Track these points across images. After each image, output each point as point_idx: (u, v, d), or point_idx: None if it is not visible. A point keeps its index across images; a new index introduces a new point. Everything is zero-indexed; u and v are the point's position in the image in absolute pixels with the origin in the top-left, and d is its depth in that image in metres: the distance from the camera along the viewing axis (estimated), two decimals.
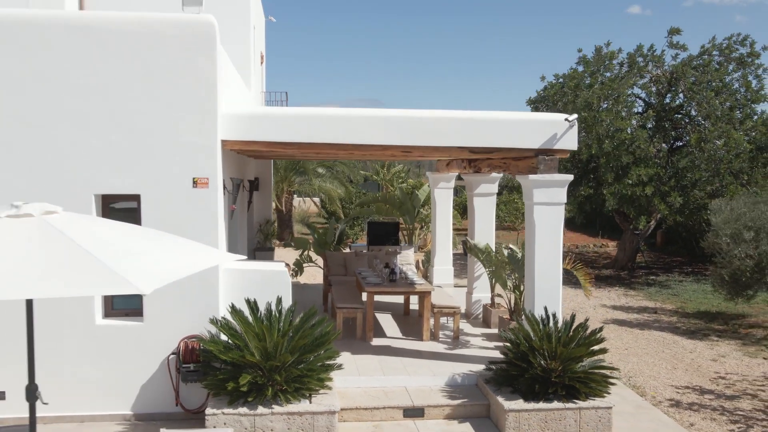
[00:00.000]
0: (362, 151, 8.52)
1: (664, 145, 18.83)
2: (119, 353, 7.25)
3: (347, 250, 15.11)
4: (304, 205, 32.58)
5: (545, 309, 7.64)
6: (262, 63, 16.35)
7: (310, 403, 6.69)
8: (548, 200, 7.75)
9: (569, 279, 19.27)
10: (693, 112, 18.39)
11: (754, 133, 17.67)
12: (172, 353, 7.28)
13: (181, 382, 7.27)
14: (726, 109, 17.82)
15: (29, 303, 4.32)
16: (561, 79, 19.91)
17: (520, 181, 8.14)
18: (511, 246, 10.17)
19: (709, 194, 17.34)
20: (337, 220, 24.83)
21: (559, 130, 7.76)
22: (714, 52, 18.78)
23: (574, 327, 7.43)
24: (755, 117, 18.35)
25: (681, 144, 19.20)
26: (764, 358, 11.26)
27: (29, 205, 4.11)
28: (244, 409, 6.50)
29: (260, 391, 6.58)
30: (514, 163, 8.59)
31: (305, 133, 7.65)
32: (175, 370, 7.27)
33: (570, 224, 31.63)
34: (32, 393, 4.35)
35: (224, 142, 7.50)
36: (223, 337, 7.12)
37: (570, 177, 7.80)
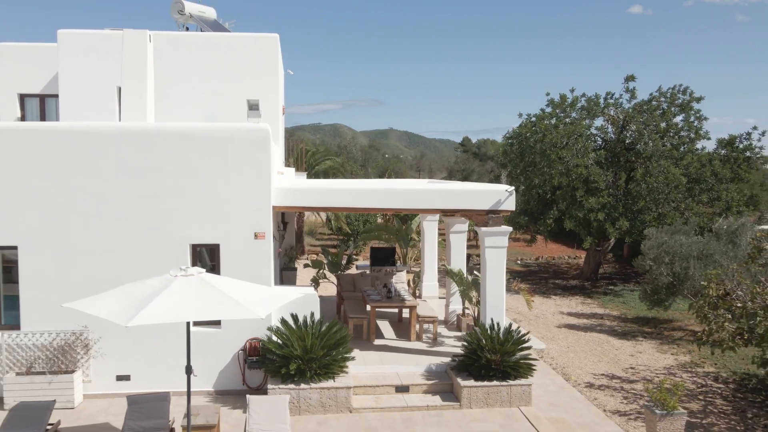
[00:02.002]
0: (367, 210, 12.10)
1: (623, 174, 22.43)
2: (205, 350, 10.81)
3: (354, 270, 18.66)
4: (312, 217, 36.12)
5: (492, 319, 11.22)
6: (283, 114, 19.88)
7: (334, 381, 10.26)
8: (495, 245, 11.32)
9: (539, 289, 22.88)
10: (642, 150, 21.96)
11: (691, 168, 21.24)
12: (241, 349, 10.87)
13: (247, 369, 10.85)
14: (669, 148, 21.42)
15: (188, 324, 7.86)
16: (533, 118, 23.50)
17: (476, 231, 11.72)
18: (475, 272, 13.74)
19: (655, 218, 20.92)
20: (344, 236, 28.44)
21: (502, 197, 11.34)
22: (661, 99, 22.37)
23: (510, 331, 10.99)
24: (696, 151, 21.95)
25: (632, 176, 22.80)
26: (671, 354, 14.84)
27: (190, 269, 7.69)
28: (291, 385, 10.07)
29: (302, 374, 10.15)
30: (474, 216, 12.15)
31: (328, 200, 11.26)
32: (242, 361, 10.86)
33: (552, 236, 35.11)
34: (189, 370, 7.92)
35: (274, 207, 11.07)
36: (275, 338, 10.67)
37: (509, 229, 11.38)
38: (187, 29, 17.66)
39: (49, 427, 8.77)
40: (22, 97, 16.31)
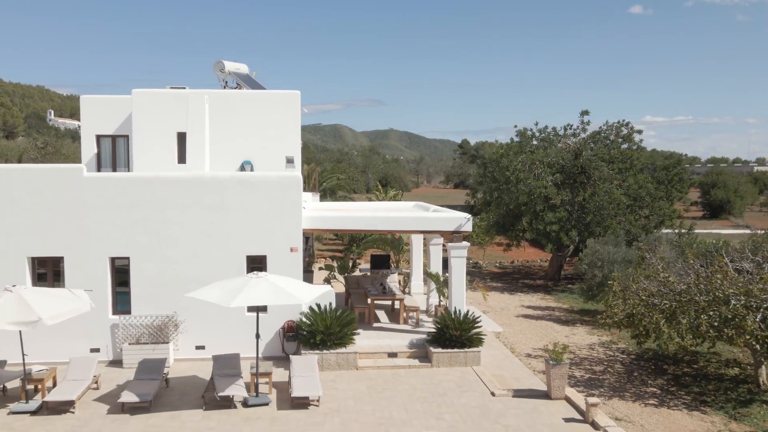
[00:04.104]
0: (369, 232, 16.95)
1: (581, 192, 27.27)
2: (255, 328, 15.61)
3: (358, 272, 23.51)
4: None
5: (455, 307, 16.05)
6: (300, 146, 24.63)
7: (346, 349, 15.06)
8: (457, 255, 16.14)
9: (509, 288, 27.67)
10: (591, 174, 26.83)
11: (630, 190, 26.10)
12: (281, 327, 15.70)
13: (285, 341, 15.67)
14: (616, 172, 26.29)
15: (257, 309, 12.65)
16: (504, 148, 28.38)
17: (445, 245, 16.54)
18: (446, 274, 18.54)
19: (603, 230, 25.75)
20: (346, 243, 33.27)
21: (463, 221, 16.16)
22: (608, 131, 27.27)
23: (467, 316, 15.81)
24: (637, 175, 26.83)
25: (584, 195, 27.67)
26: (597, 336, 19.66)
27: (260, 273, 12.53)
28: (317, 351, 14.88)
29: (324, 343, 14.96)
30: (444, 234, 16.99)
31: (341, 225, 16.12)
32: (282, 335, 15.68)
33: (530, 241, 39.92)
34: (257, 336, 12.74)
35: (303, 230, 15.89)
36: (305, 320, 15.45)
37: (467, 244, 16.20)
38: (226, 83, 22.53)
39: (164, 374, 13.59)
40: (98, 138, 20.97)
